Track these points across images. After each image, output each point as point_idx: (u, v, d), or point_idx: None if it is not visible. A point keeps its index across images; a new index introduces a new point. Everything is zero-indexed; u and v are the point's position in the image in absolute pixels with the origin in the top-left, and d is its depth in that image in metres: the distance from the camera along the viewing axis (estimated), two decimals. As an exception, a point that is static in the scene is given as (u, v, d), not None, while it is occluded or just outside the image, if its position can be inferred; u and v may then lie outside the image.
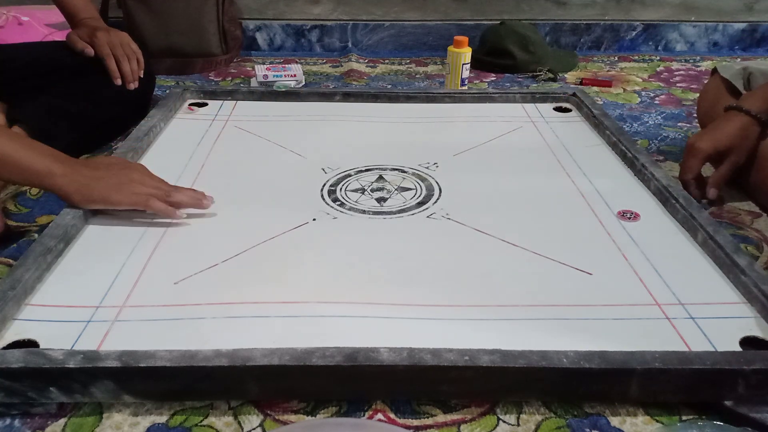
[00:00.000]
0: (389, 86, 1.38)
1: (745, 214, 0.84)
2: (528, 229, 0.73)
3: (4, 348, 0.53)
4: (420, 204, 0.79)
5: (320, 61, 1.60)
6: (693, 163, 0.83)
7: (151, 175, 0.75)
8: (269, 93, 1.14)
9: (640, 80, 1.45)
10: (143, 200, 0.71)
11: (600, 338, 0.56)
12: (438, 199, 0.81)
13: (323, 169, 0.88)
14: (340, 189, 0.83)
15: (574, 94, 1.12)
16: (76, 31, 1.07)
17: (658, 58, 1.64)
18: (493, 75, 1.49)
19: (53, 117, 0.94)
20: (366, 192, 0.82)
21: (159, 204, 0.72)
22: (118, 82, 1.04)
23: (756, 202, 0.86)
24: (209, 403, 0.52)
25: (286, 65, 1.40)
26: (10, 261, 0.71)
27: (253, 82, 1.34)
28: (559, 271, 0.66)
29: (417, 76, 1.48)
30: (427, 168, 0.89)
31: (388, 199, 0.81)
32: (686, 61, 1.63)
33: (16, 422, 0.51)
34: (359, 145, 0.96)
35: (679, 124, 1.17)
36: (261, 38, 1.67)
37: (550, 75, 1.44)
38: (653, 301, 0.61)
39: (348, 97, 1.13)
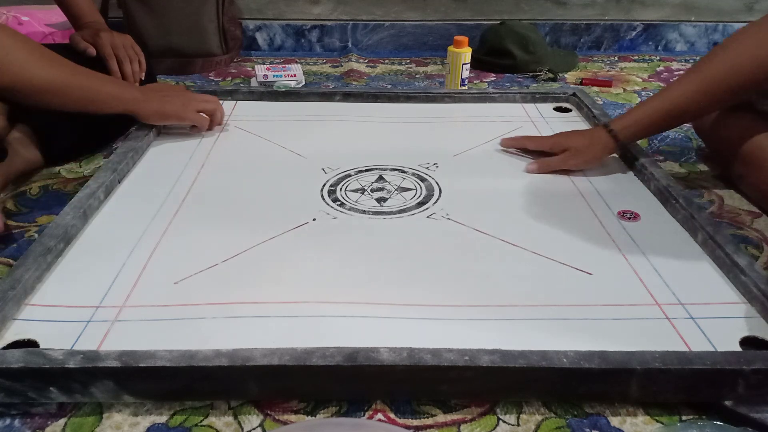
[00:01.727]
0: (389, 86, 1.38)
1: (745, 214, 0.84)
2: (528, 229, 0.74)
3: (4, 348, 0.53)
4: (420, 204, 0.79)
5: (320, 61, 1.60)
6: (535, 140, 0.92)
7: (191, 93, 0.98)
8: (269, 93, 1.14)
9: (640, 80, 1.45)
10: (204, 123, 0.95)
11: (600, 338, 0.56)
12: (438, 199, 0.81)
13: (323, 169, 0.88)
14: (340, 189, 0.83)
15: (574, 94, 1.12)
16: (80, 33, 1.07)
17: (658, 58, 1.64)
18: (493, 75, 1.49)
19: (54, 117, 0.94)
20: (366, 192, 0.82)
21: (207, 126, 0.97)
22: (119, 82, 1.04)
23: (756, 203, 0.86)
24: (209, 403, 0.52)
25: (286, 65, 1.41)
26: (10, 261, 0.71)
27: (253, 82, 1.34)
28: (559, 271, 0.66)
29: (417, 76, 1.48)
30: (427, 168, 0.89)
31: (388, 199, 0.81)
32: (686, 61, 1.63)
33: (16, 422, 0.51)
34: (359, 145, 0.96)
35: (679, 124, 1.17)
36: (261, 38, 1.67)
37: (550, 75, 1.44)
38: (653, 301, 0.61)
39: (348, 97, 1.13)
